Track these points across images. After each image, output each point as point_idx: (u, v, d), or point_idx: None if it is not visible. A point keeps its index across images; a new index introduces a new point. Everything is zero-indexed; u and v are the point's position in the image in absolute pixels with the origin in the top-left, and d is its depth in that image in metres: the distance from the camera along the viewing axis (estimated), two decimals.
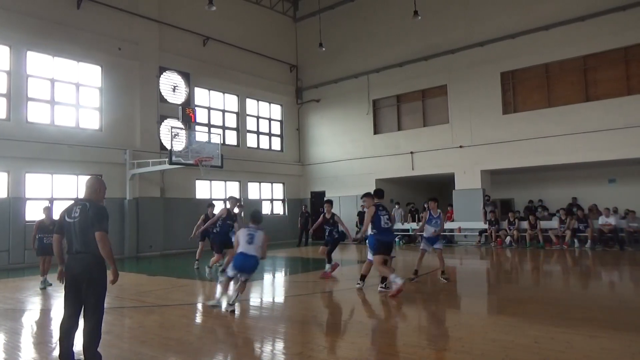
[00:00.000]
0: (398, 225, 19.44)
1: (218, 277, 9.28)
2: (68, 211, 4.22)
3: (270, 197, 22.19)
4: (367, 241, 8.28)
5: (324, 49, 20.16)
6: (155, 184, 17.03)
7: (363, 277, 8.26)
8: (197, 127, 18.31)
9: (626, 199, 16.08)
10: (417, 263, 9.18)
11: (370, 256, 8.09)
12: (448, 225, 18.17)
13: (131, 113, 16.78)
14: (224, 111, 20.55)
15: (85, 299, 4.07)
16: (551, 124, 16.05)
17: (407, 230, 18.90)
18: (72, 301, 4.08)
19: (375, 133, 20.83)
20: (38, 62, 14.83)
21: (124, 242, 15.93)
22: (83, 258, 4.06)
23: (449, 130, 18.52)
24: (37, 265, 9.61)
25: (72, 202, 4.43)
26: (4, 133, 13.64)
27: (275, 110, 23.12)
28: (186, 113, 17.40)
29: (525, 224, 15.92)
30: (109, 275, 4.24)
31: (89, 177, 4.62)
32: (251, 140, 21.67)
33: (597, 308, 6.52)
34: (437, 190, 22.29)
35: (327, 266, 9.99)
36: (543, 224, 15.86)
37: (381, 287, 7.91)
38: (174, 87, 18.03)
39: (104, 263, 4.17)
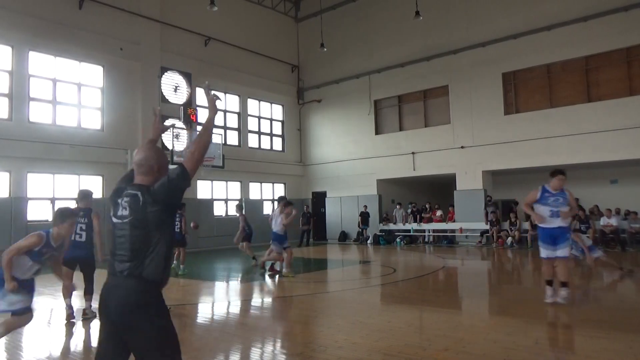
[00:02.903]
0: (399, 226, 19.49)
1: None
2: (114, 203, 2.53)
3: (271, 197, 22.19)
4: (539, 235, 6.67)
5: (325, 49, 20.21)
6: None
7: (550, 283, 6.64)
8: (199, 128, 18.32)
9: (628, 199, 16.08)
10: None
11: (544, 253, 6.57)
12: (449, 225, 18.25)
13: (133, 113, 16.80)
14: (225, 111, 20.56)
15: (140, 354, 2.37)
16: (553, 125, 16.03)
17: (409, 231, 18.91)
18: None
19: (376, 133, 20.83)
20: (40, 62, 14.87)
21: None
22: (125, 284, 2.38)
23: (450, 131, 18.51)
24: None
25: (118, 187, 2.60)
26: (6, 133, 13.68)
27: (277, 111, 23.13)
28: (187, 113, 17.44)
29: (526, 225, 15.90)
30: None
31: (143, 146, 2.70)
32: (252, 141, 21.68)
33: (598, 309, 6.51)
34: (438, 191, 22.33)
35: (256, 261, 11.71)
36: None
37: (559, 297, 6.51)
38: (176, 87, 18.04)
39: (159, 291, 2.46)
